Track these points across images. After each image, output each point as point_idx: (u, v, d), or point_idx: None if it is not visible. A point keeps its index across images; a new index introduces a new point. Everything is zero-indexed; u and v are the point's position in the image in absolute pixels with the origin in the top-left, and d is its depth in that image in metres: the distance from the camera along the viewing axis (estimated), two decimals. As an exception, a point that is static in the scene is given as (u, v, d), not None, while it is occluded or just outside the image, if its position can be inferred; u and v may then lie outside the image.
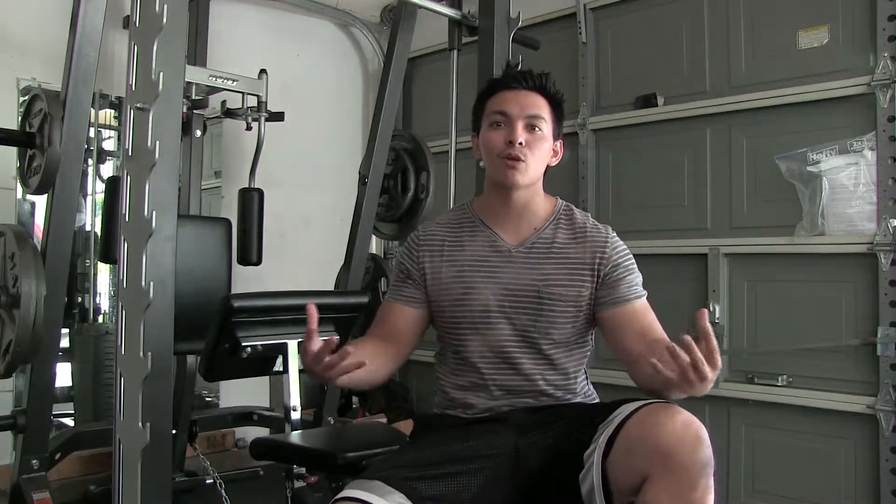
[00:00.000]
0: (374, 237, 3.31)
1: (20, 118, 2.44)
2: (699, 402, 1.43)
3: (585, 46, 3.28)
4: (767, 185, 2.76)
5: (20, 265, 2.13)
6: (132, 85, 1.66)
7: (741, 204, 2.85)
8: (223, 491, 2.49)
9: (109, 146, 3.16)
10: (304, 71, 3.77)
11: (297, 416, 1.87)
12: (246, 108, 2.92)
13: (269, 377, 2.19)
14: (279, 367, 1.86)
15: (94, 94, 2.33)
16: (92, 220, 3.15)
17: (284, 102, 3.09)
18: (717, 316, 2.81)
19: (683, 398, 1.27)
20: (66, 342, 2.91)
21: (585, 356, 1.57)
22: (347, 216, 3.06)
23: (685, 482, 1.19)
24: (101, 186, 2.93)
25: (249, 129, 2.97)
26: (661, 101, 3.06)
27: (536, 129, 1.51)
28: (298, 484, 1.79)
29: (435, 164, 3.11)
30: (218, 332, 1.75)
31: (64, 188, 2.26)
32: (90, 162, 2.91)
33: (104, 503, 2.20)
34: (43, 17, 2.78)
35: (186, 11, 1.81)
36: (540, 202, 1.57)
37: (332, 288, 3.10)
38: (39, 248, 2.24)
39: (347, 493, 1.25)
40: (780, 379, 2.68)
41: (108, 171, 3.12)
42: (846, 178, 2.54)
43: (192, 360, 2.75)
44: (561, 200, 1.61)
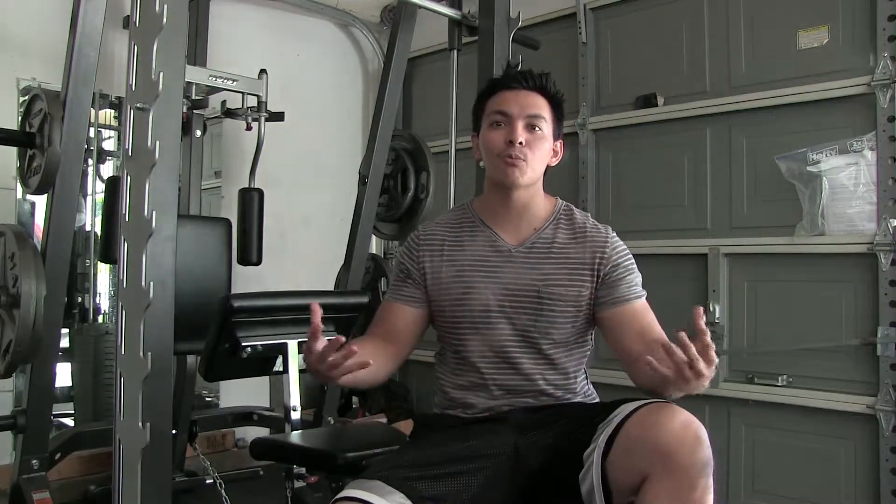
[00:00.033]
0: (374, 237, 3.31)
1: (20, 118, 2.44)
2: (699, 402, 1.43)
3: (585, 46, 3.28)
4: (767, 185, 2.76)
5: (20, 265, 2.13)
6: (132, 85, 1.67)
7: (741, 204, 2.85)
8: (223, 491, 2.49)
9: (109, 146, 3.16)
10: (304, 71, 3.77)
11: (297, 416, 1.87)
12: (246, 108, 2.91)
13: (269, 377, 2.19)
14: (279, 367, 1.86)
15: (94, 94, 2.32)
16: (92, 220, 3.14)
17: (284, 102, 3.09)
18: (717, 316, 2.81)
19: (683, 398, 1.27)
20: (66, 342, 2.90)
21: (585, 356, 1.57)
22: (347, 216, 3.06)
23: (685, 482, 1.19)
24: (101, 186, 2.93)
25: (249, 129, 2.97)
26: (661, 101, 3.06)
27: (536, 128, 1.51)
28: (298, 484, 1.79)
29: (435, 164, 3.11)
30: (218, 332, 1.75)
31: (64, 188, 2.26)
32: (90, 162, 2.91)
33: (104, 503, 2.20)
34: (43, 17, 2.78)
35: (186, 11, 1.81)
36: (540, 202, 1.57)
37: (332, 288, 3.10)
38: (39, 248, 2.24)
39: (347, 492, 1.25)
40: (780, 379, 2.68)
41: (108, 171, 3.12)
42: (846, 178, 2.54)
43: (192, 360, 2.75)
44: (561, 200, 1.61)
